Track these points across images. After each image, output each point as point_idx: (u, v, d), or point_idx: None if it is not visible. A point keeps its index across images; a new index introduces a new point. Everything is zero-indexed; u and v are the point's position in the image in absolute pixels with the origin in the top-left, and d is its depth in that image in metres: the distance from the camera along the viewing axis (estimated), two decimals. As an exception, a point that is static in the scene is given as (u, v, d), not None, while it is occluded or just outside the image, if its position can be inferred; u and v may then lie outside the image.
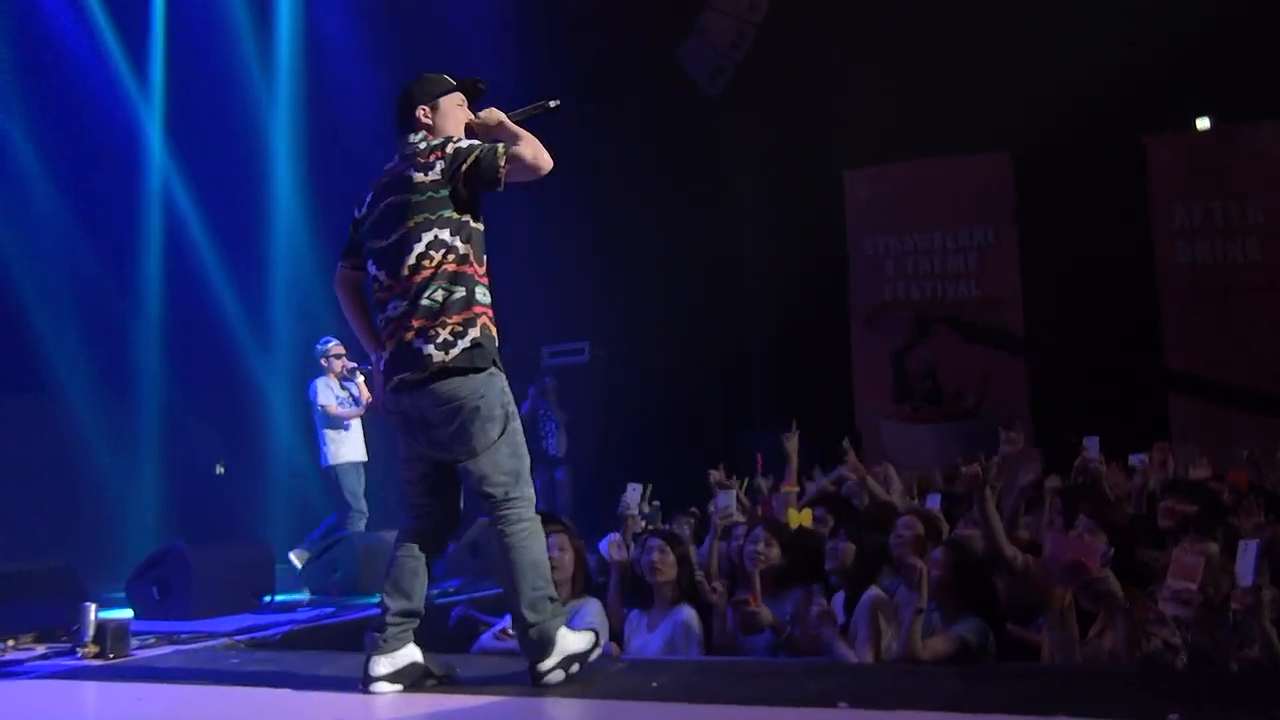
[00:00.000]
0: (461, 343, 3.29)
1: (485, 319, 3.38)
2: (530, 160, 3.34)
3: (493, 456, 3.32)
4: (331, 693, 3.38)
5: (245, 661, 4.18)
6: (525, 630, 3.26)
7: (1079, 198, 9.58)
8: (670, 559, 4.24)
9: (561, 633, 3.27)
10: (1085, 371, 9.57)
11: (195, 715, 3.48)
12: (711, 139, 10.61)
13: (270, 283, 10.45)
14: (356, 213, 3.57)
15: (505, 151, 3.35)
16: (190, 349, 9.86)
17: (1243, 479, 5.59)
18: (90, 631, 4.37)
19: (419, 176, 3.37)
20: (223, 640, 4.78)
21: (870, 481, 5.89)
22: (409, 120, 3.53)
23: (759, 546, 4.24)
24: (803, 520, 4.93)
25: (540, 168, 3.36)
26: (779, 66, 10.61)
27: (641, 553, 4.33)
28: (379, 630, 3.34)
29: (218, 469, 10.30)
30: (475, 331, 3.31)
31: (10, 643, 4.55)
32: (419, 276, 3.33)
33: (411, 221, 3.36)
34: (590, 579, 4.55)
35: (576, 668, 3.26)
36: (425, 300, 3.31)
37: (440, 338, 3.28)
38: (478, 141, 3.44)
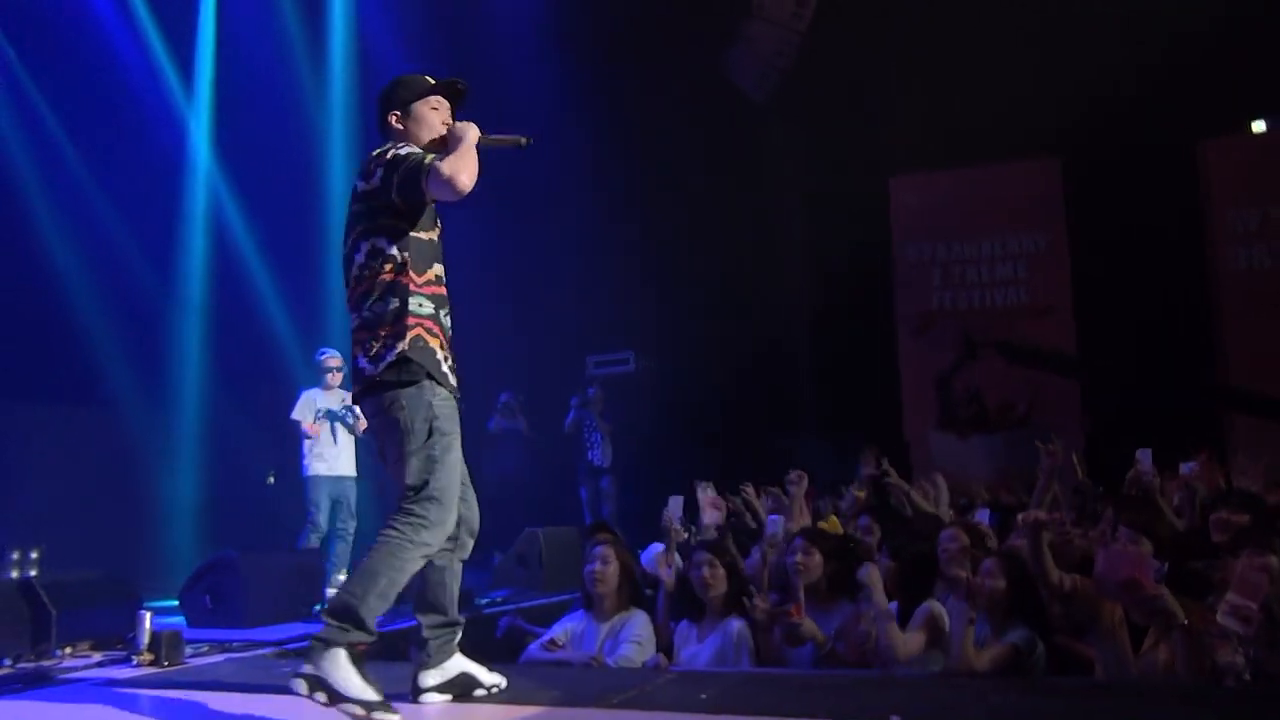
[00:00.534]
0: (389, 356, 3.19)
1: (420, 330, 3.23)
2: (447, 176, 3.13)
3: (405, 467, 3.18)
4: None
5: (296, 669, 4.20)
6: (324, 620, 3.08)
7: (1130, 202, 9.41)
8: (720, 573, 4.21)
9: (341, 662, 3.01)
10: (1139, 383, 9.39)
11: (248, 723, 3.51)
12: (756, 147, 10.58)
13: (322, 292, 10.55)
14: None
15: (428, 164, 3.18)
16: (240, 359, 9.98)
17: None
18: (145, 639, 4.45)
19: (362, 185, 3.31)
20: (274, 649, 4.83)
21: (915, 495, 5.85)
22: (383, 126, 3.46)
23: (798, 556, 4.21)
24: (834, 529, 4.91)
25: (456, 186, 3.13)
26: (824, 73, 10.56)
27: (690, 567, 4.31)
28: (421, 646, 3.34)
29: (269, 479, 10.41)
30: (404, 344, 3.19)
31: (68, 650, 4.64)
32: (360, 288, 3.29)
33: (355, 232, 3.33)
34: (638, 590, 4.54)
35: (323, 698, 2.98)
36: (366, 312, 3.26)
37: (373, 350, 3.22)
38: (417, 150, 3.30)
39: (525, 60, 10.68)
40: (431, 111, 3.44)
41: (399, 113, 3.44)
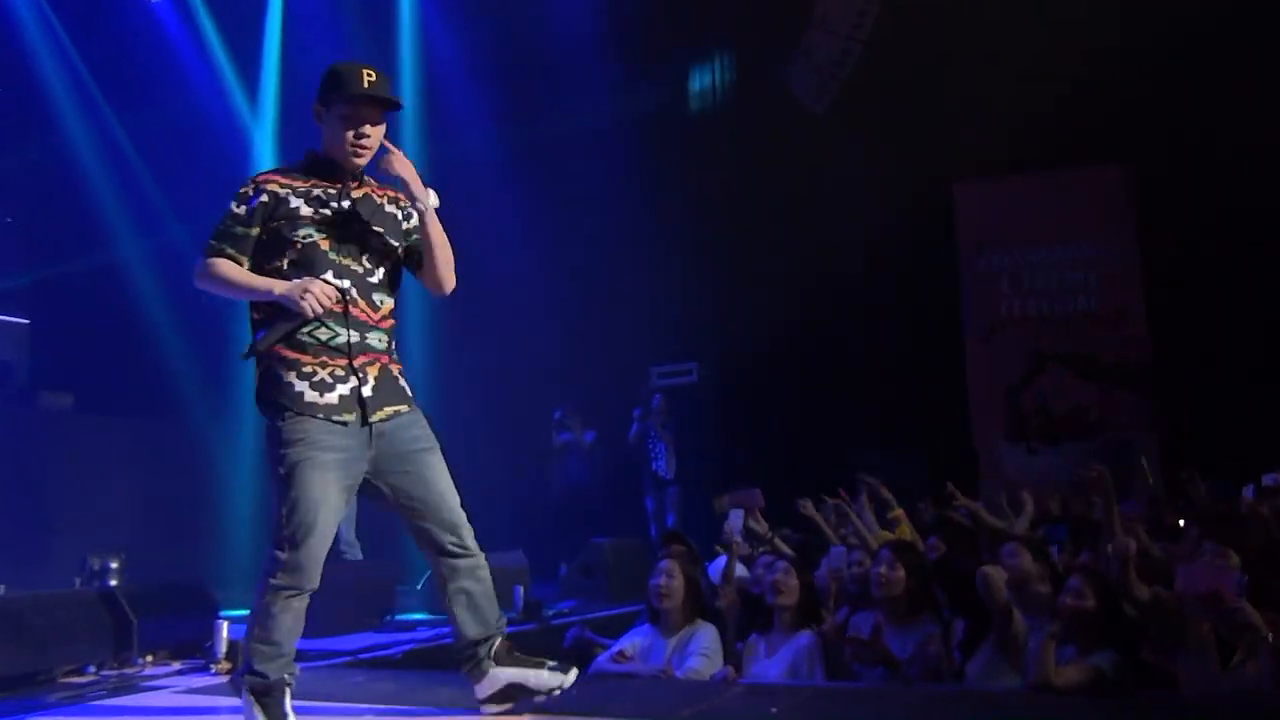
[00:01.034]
0: (258, 387, 3.07)
1: (271, 361, 3.02)
2: (196, 281, 3.14)
3: (275, 504, 3.04)
4: (448, 714, 3.39)
5: (368, 680, 4.26)
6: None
7: (1205, 207, 9.16)
8: (794, 583, 4.17)
9: (251, 701, 3.07)
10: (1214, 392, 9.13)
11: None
12: (817, 157, 10.51)
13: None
14: None
15: (207, 254, 3.14)
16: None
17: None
18: (223, 648, 4.54)
19: None
20: (348, 658, 4.89)
21: (981, 513, 5.76)
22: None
23: (883, 568, 4.11)
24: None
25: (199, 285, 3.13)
26: (885, 82, 10.47)
27: (766, 571, 4.26)
28: (462, 663, 3.29)
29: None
30: (258, 379, 3.05)
31: (149, 658, 4.73)
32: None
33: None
34: (705, 603, 4.51)
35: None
36: None
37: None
38: (233, 215, 3.17)
39: (585, 67, 10.75)
40: (340, 120, 3.12)
41: (320, 106, 3.18)
